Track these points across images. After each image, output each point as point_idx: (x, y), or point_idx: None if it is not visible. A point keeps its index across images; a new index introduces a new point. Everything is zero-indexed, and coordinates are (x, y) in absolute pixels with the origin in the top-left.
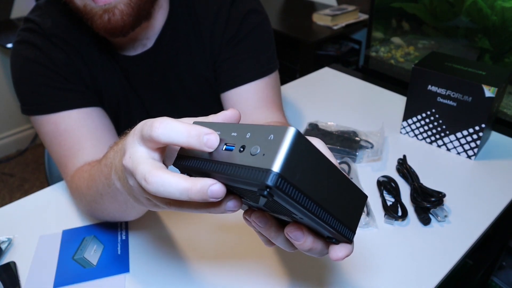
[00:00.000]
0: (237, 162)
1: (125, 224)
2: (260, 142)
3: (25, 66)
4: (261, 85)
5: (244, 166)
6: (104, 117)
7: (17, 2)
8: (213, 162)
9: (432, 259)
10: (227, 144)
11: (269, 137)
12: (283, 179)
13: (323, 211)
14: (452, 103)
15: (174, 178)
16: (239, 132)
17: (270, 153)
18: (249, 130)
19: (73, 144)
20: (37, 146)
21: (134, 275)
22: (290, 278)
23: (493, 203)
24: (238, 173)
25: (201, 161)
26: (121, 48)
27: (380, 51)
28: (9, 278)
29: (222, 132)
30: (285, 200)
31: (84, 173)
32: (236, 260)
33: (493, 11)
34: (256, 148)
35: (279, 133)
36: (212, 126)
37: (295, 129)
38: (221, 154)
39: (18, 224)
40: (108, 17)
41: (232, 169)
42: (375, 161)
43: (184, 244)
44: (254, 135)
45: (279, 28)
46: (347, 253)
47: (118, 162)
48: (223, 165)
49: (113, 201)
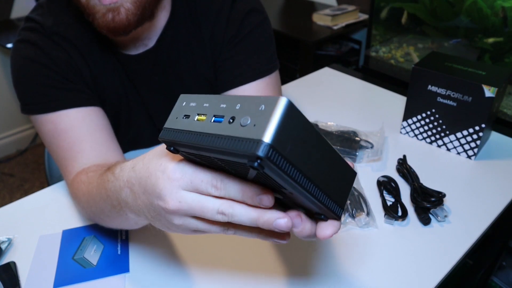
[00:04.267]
0: (226, 133)
1: None
2: (250, 112)
3: (24, 65)
4: (262, 85)
5: (233, 137)
6: (104, 117)
7: (17, 2)
8: (202, 134)
9: (432, 259)
10: (216, 116)
11: (260, 107)
12: (274, 150)
13: (313, 185)
14: (452, 103)
15: (244, 209)
16: (229, 103)
17: (261, 123)
18: (239, 102)
19: (72, 145)
20: (37, 146)
21: (134, 275)
22: (289, 278)
23: (493, 203)
24: (227, 145)
25: (189, 134)
26: (122, 47)
27: (380, 51)
28: (9, 278)
29: (210, 104)
30: (276, 173)
31: (81, 185)
32: (236, 260)
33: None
34: (246, 118)
35: (270, 103)
36: (200, 99)
37: (286, 99)
38: (210, 126)
39: (18, 224)
40: (112, 16)
41: (221, 141)
42: (375, 161)
43: (184, 244)
44: (244, 106)
45: (279, 28)
46: (334, 230)
47: (141, 203)
48: (211, 137)
49: (121, 221)
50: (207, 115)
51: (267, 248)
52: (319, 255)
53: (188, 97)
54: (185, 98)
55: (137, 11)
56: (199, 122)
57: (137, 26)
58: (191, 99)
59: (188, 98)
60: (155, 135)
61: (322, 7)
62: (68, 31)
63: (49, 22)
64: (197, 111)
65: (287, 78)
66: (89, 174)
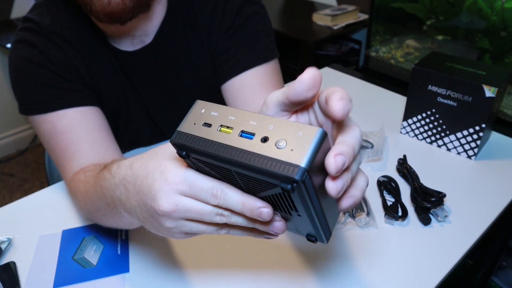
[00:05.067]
0: (260, 152)
1: None
2: (286, 137)
3: (22, 66)
4: (261, 71)
5: (269, 158)
6: (102, 116)
7: (17, 2)
8: (227, 147)
9: (432, 259)
10: (244, 132)
11: (298, 134)
12: (309, 176)
13: (322, 212)
14: (452, 103)
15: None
16: (260, 122)
17: (299, 149)
18: (271, 123)
19: (70, 145)
20: (37, 146)
21: (134, 275)
22: (289, 279)
23: (493, 203)
24: (261, 164)
25: (211, 144)
26: (119, 44)
27: (380, 51)
28: (9, 278)
29: (237, 118)
30: (302, 196)
31: (79, 184)
32: (236, 260)
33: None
34: (282, 141)
35: (308, 131)
36: (223, 110)
37: (322, 130)
38: (237, 140)
39: (18, 224)
40: (108, 0)
41: (254, 158)
42: (375, 161)
43: (184, 245)
44: (278, 129)
45: (279, 28)
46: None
47: (134, 202)
48: (241, 152)
49: (116, 220)
50: (233, 128)
51: (267, 249)
52: (319, 255)
53: (207, 105)
54: (203, 106)
55: None
56: (224, 134)
57: (133, 14)
58: (212, 108)
59: (208, 106)
60: (155, 133)
61: (322, 7)
62: (65, 30)
63: (46, 22)
64: (221, 122)
65: (287, 78)
66: (87, 173)
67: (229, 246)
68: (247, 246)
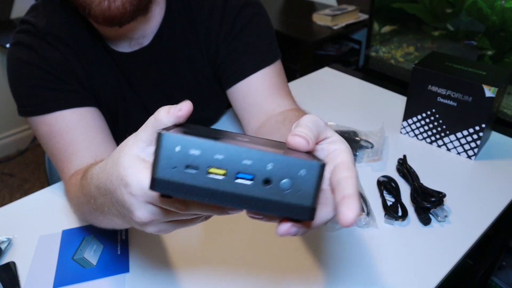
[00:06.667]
0: (266, 196)
1: None
2: (288, 175)
3: (19, 68)
4: (267, 73)
5: (278, 202)
6: (99, 117)
7: (17, 2)
8: (227, 194)
9: (432, 259)
10: (241, 173)
11: (299, 173)
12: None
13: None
14: (452, 103)
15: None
16: (255, 159)
17: (306, 190)
18: (268, 160)
19: (67, 146)
20: (37, 146)
21: (134, 275)
22: (288, 278)
23: (493, 203)
24: (272, 207)
25: (205, 191)
26: (117, 46)
27: (380, 51)
28: (9, 278)
29: (226, 156)
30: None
31: (73, 187)
32: (237, 259)
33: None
34: (286, 183)
35: (310, 168)
36: (203, 144)
37: (322, 164)
38: (235, 185)
39: (18, 224)
40: (108, 4)
41: (263, 203)
42: (375, 161)
43: (184, 244)
44: (278, 168)
45: (279, 28)
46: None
47: (115, 211)
48: (243, 198)
49: (108, 222)
50: (227, 170)
51: (268, 248)
52: (319, 255)
53: (179, 139)
54: (174, 140)
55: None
56: (217, 178)
57: (132, 17)
58: (187, 142)
59: (180, 141)
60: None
61: (322, 7)
62: (61, 31)
63: (42, 23)
64: (209, 164)
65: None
66: (77, 176)
67: (230, 246)
68: (247, 246)
